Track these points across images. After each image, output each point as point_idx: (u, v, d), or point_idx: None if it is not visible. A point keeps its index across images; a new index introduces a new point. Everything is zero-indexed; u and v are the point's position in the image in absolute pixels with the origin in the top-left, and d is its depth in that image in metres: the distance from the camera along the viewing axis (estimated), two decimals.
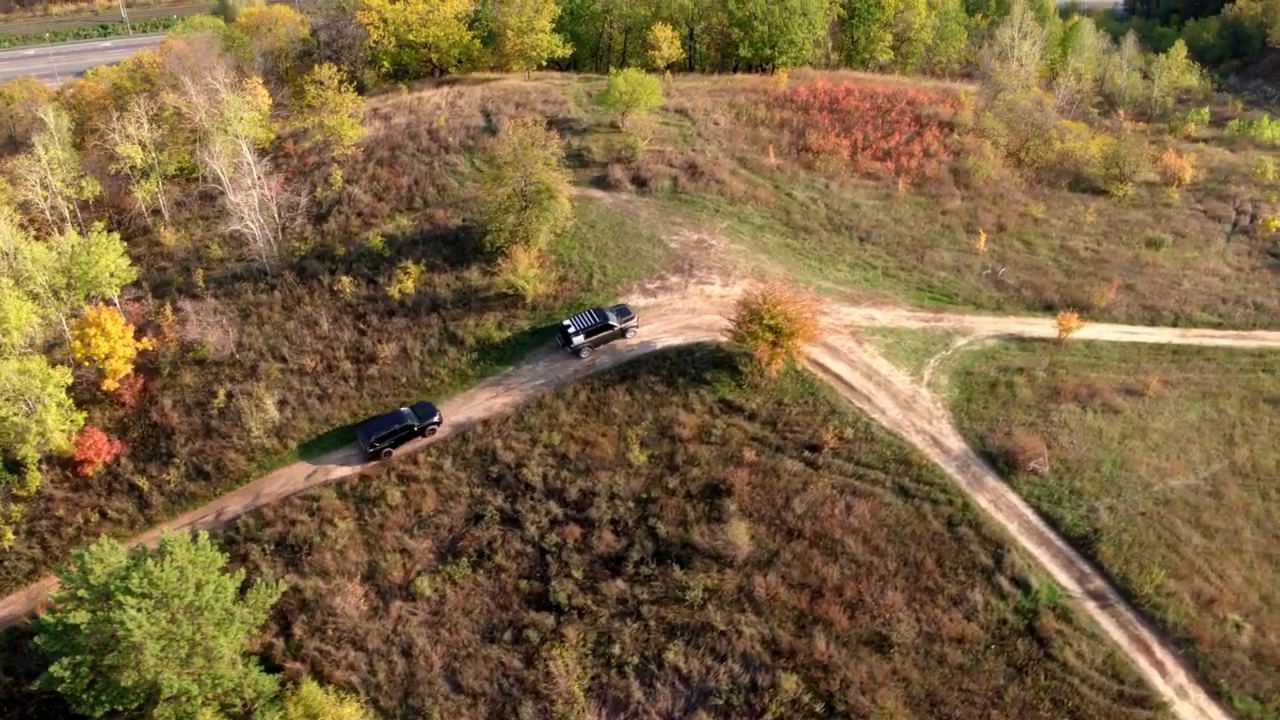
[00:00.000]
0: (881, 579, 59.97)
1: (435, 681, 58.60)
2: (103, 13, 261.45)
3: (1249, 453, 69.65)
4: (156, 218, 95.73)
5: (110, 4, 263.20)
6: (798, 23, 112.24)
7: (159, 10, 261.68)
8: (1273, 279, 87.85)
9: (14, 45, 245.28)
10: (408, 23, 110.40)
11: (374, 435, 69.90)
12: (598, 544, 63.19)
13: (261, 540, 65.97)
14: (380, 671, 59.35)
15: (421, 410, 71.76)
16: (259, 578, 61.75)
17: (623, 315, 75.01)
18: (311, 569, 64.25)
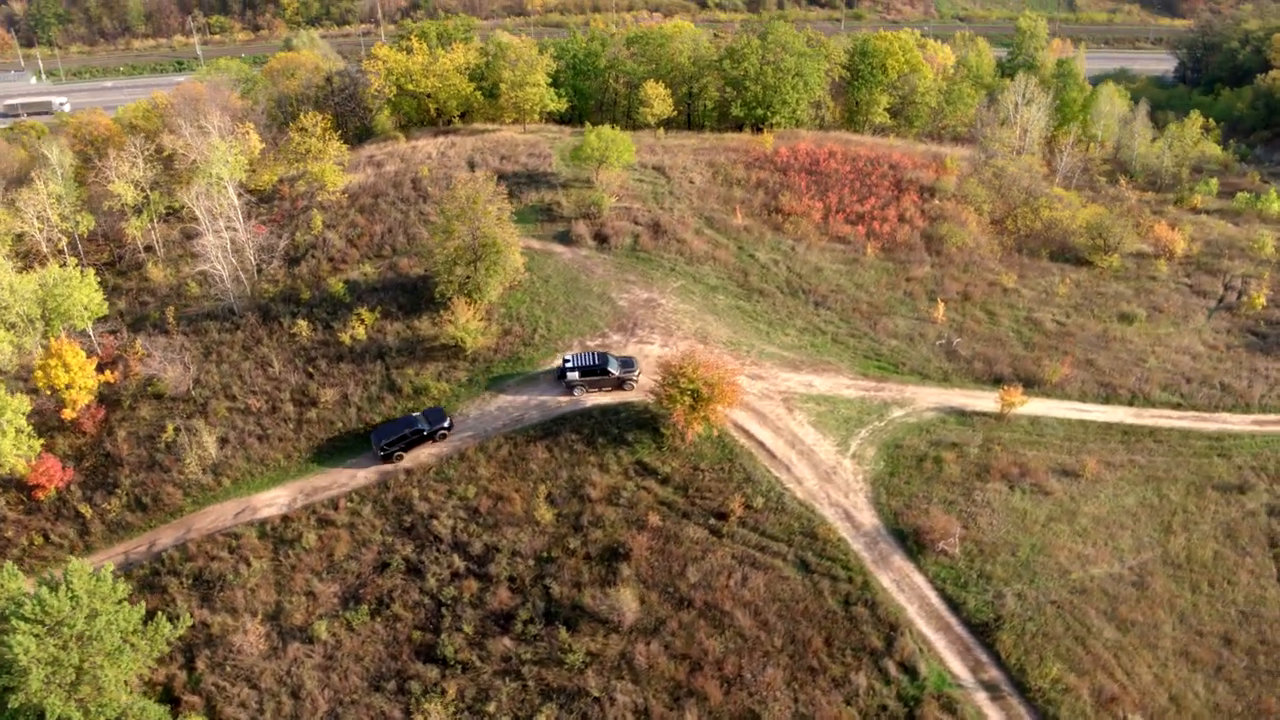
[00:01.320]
0: (765, 655, 59.19)
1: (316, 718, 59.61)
2: (180, 49, 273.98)
3: (1185, 542, 67.33)
4: (150, 254, 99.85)
5: (187, 41, 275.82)
6: (790, 84, 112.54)
7: (232, 48, 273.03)
8: (1247, 359, 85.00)
9: (94, 77, 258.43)
10: (409, 72, 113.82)
11: (384, 439, 72.53)
12: (492, 600, 63.66)
13: (181, 574, 67.88)
14: (268, 711, 60.41)
15: (432, 415, 74.06)
16: (162, 612, 63.48)
17: (626, 366, 75.84)
18: (222, 605, 65.84)
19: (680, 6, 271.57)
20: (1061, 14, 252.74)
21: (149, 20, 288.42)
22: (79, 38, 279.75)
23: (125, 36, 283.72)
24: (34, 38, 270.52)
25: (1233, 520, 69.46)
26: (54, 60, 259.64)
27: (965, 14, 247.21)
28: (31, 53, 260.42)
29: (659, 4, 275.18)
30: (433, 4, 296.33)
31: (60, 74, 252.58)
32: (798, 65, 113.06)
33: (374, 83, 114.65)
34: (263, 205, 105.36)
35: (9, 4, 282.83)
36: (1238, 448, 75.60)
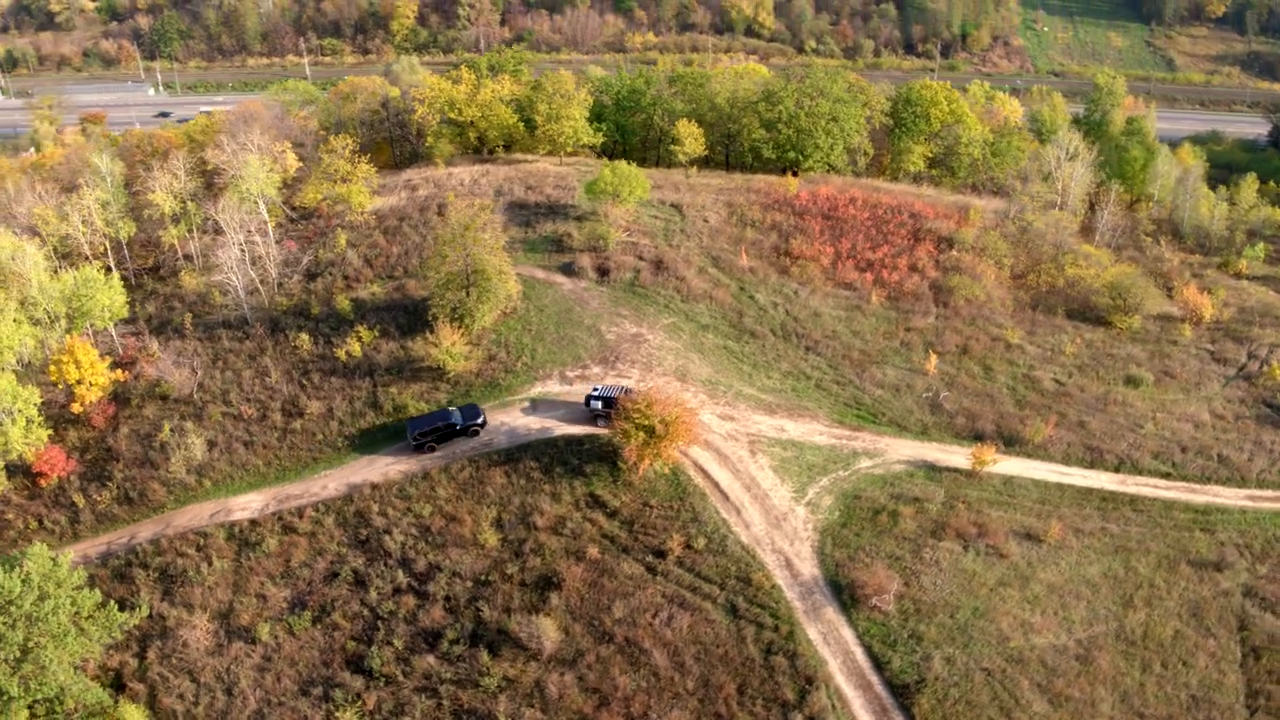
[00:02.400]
0: (675, 696, 59.01)
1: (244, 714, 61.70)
2: (290, 68, 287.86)
3: (1145, 618, 64.62)
4: (189, 262, 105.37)
5: (299, 61, 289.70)
6: (824, 128, 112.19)
7: (340, 69, 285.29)
8: (1255, 431, 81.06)
9: (208, 91, 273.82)
10: (453, 102, 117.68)
11: (418, 430, 75.57)
12: (425, 618, 65.05)
13: (149, 567, 71.26)
14: (202, 704, 62.95)
15: (467, 411, 76.79)
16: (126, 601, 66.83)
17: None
18: (180, 600, 68.83)
19: (777, 50, 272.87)
20: (1159, 73, 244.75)
21: (265, 40, 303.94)
22: (198, 53, 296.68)
23: (242, 54, 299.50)
24: (156, 52, 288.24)
25: (1202, 599, 66.23)
26: (171, 74, 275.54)
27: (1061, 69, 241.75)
28: (152, 65, 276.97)
29: (756, 47, 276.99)
30: (536, 37, 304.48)
31: (176, 87, 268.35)
32: (833, 110, 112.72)
33: (418, 110, 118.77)
34: (302, 222, 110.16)
35: (135, 19, 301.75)
36: (1224, 523, 72.11)
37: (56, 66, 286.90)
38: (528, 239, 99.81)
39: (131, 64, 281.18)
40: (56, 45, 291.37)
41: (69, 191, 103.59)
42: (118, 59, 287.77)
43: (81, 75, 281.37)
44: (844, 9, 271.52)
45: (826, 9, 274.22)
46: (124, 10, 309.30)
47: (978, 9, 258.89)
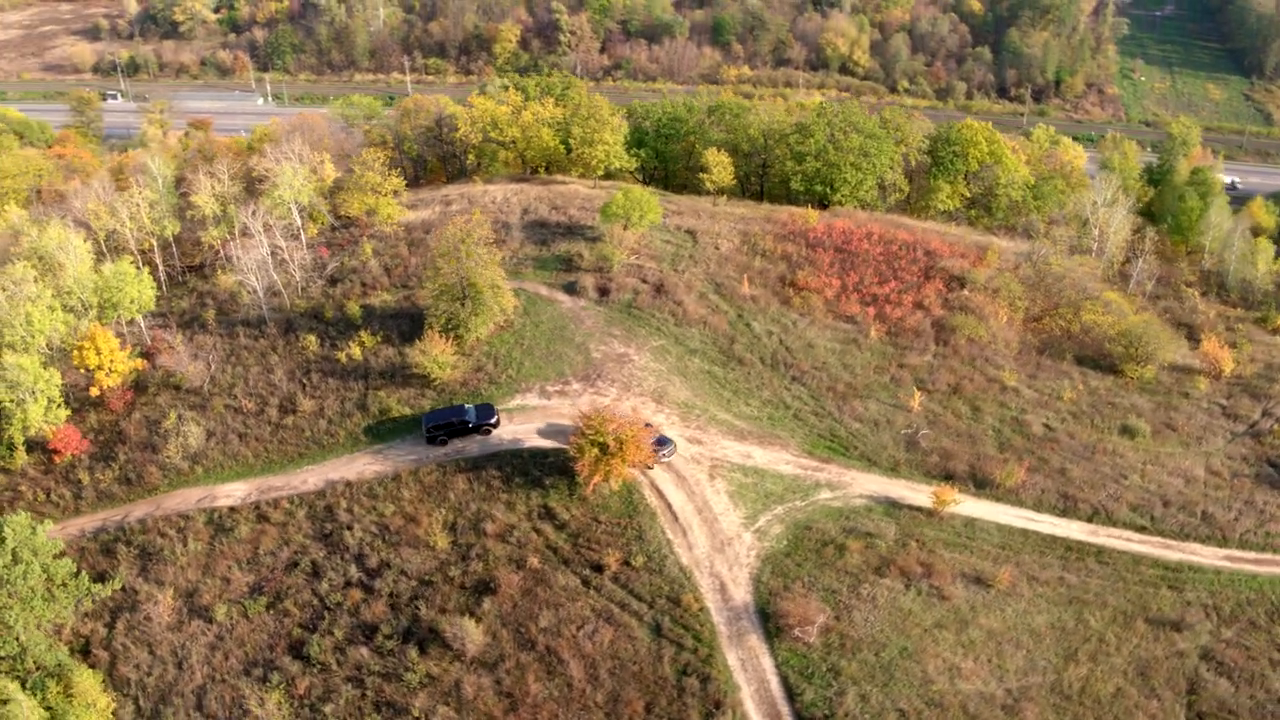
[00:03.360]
0: (583, 708, 59.87)
1: (186, 695, 65.02)
2: (394, 84, 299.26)
3: (1087, 673, 62.64)
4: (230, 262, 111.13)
5: (402, 78, 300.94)
6: (852, 162, 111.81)
7: (441, 88, 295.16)
8: (1249, 490, 77.75)
9: (313, 103, 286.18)
10: (495, 121, 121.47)
11: (432, 424, 78.76)
12: (367, 611, 67.43)
13: (132, 544, 75.66)
14: (154, 674, 66.59)
15: (482, 410, 79.75)
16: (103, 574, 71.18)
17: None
18: (153, 577, 72.83)
19: (869, 88, 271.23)
20: (1254, 126, 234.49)
21: (373, 56, 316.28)
22: (309, 67, 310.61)
23: (350, 69, 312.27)
24: (269, 64, 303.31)
25: (1154, 658, 63.76)
26: (281, 85, 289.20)
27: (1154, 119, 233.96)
28: (263, 76, 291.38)
29: (849, 84, 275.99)
30: (633, 65, 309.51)
31: (284, 98, 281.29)
32: (863, 145, 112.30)
33: (460, 128, 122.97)
34: (343, 230, 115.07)
35: (252, 31, 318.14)
36: (1195, 581, 69.21)
37: (175, 73, 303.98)
38: (540, 257, 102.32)
39: (245, 74, 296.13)
40: (177, 53, 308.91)
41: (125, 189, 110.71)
42: (233, 69, 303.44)
43: (197, 83, 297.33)
44: (940, 50, 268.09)
45: (923, 49, 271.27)
46: (244, 23, 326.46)
47: (1074, 56, 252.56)
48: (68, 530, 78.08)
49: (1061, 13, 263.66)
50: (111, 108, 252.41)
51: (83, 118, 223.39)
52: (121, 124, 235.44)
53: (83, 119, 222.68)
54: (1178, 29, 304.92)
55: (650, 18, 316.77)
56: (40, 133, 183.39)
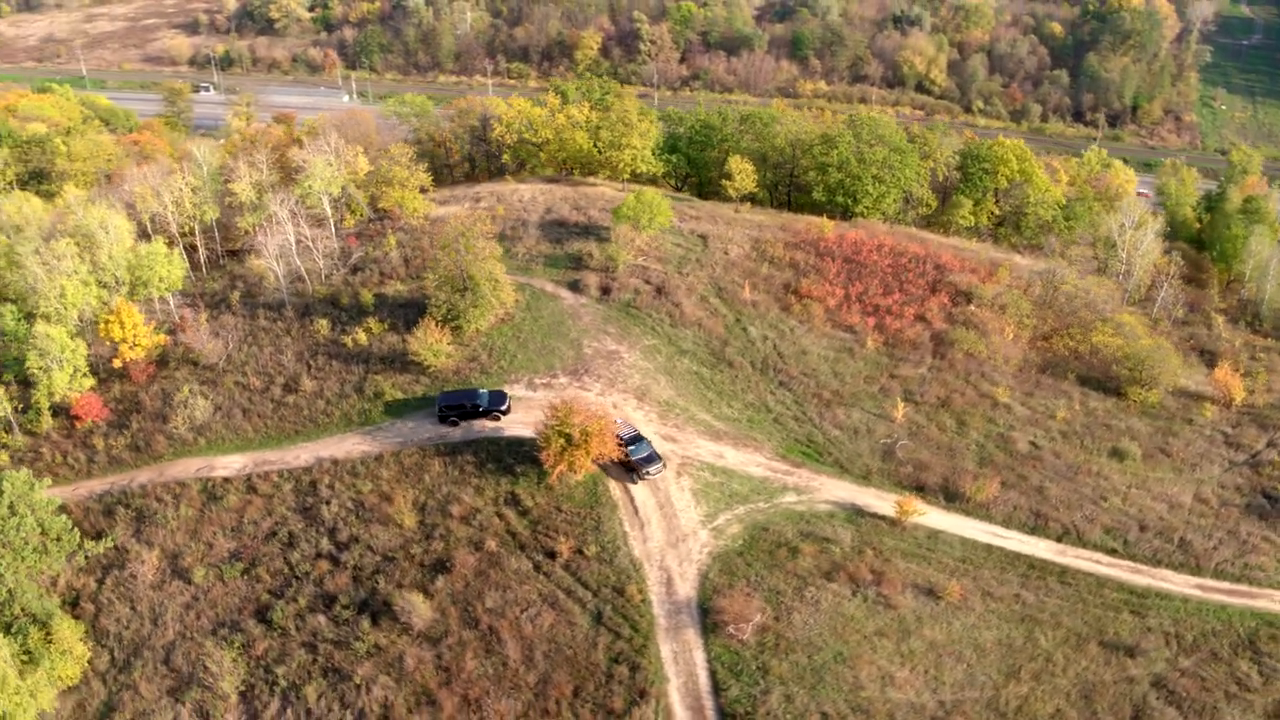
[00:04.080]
0: (514, 687, 61.49)
1: (156, 649, 68.62)
2: (476, 86, 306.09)
3: (1026, 692, 61.76)
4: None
5: (485, 81, 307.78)
6: (875, 174, 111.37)
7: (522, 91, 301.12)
8: (1236, 519, 75.58)
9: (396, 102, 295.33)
10: (530, 122, 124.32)
11: (445, 404, 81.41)
12: (330, 582, 70.21)
13: (131, 507, 79.94)
14: (131, 628, 70.42)
15: (494, 396, 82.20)
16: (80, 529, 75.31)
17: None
18: (144, 538, 76.87)
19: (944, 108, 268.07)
20: None
21: (458, 59, 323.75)
22: (395, 66, 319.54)
23: (435, 71, 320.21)
24: (358, 63, 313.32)
25: (1101, 682, 62.46)
26: (366, 83, 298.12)
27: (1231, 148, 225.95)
28: (350, 75, 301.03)
29: (923, 103, 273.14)
30: (710, 76, 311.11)
31: (369, 96, 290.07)
32: (886, 158, 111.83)
33: (496, 128, 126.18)
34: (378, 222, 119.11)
35: (343, 30, 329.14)
36: (1160, 608, 67.47)
37: (268, 69, 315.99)
38: (552, 254, 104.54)
39: (334, 72, 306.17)
40: (270, 49, 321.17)
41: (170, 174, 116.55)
42: (323, 66, 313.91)
43: (287, 79, 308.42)
44: (1018, 72, 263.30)
45: (1001, 71, 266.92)
46: (336, 21, 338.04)
47: (1153, 83, 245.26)
48: (79, 491, 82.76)
49: (1144, 39, 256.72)
50: (202, 99, 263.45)
51: (174, 108, 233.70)
52: (210, 115, 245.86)
53: (174, 109, 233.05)
54: (1265, 58, 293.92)
55: (731, 30, 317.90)
56: (125, 120, 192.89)
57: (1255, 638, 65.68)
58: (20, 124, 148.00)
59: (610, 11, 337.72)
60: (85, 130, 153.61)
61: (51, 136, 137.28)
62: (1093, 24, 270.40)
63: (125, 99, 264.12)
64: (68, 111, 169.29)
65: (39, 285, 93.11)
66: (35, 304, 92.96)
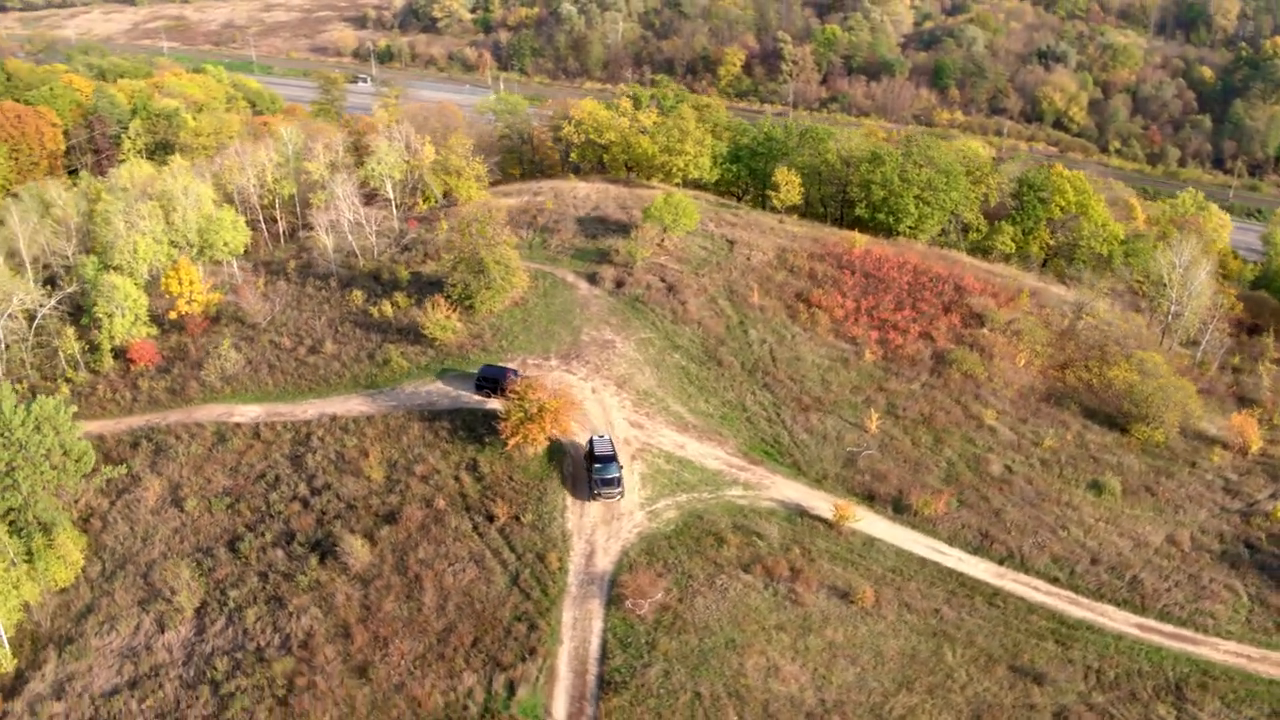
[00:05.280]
0: (419, 630, 65.54)
1: (139, 565, 75.89)
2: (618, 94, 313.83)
3: (915, 704, 61.54)
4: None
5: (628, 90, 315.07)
6: (917, 194, 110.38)
7: None
8: (1207, 566, 72.15)
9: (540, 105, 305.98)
10: (597, 124, 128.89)
11: (482, 377, 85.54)
12: (296, 522, 76.07)
13: (153, 440, 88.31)
14: (124, 544, 78.14)
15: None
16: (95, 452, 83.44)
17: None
18: (157, 470, 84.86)
19: (1079, 145, 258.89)
20: None
21: (605, 67, 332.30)
22: (544, 71, 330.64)
23: (582, 77, 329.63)
24: (509, 64, 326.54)
25: (998, 704, 61.31)
26: (514, 84, 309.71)
27: None
28: (499, 75, 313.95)
29: (1059, 139, 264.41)
30: (848, 100, 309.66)
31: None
32: (931, 179, 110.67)
33: (565, 128, 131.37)
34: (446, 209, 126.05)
35: (498, 32, 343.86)
36: (1089, 642, 65.41)
37: (424, 65, 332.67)
38: (582, 248, 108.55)
39: (486, 71, 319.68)
40: (429, 46, 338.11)
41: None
42: (476, 65, 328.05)
43: (441, 75, 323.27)
44: (1161, 115, 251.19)
45: (1144, 112, 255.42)
46: (495, 23, 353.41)
47: None
48: (119, 425, 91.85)
49: None
50: (358, 90, 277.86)
51: (328, 96, 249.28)
52: (362, 105, 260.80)
53: (328, 97, 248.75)
54: None
55: (874, 55, 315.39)
56: (270, 103, 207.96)
57: (1184, 683, 62.89)
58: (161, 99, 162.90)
59: (757, 30, 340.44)
60: (217, 109, 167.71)
61: (179, 111, 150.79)
62: (1245, 70, 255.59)
63: (286, 85, 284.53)
64: (212, 91, 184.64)
65: (117, 240, 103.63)
66: (112, 257, 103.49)
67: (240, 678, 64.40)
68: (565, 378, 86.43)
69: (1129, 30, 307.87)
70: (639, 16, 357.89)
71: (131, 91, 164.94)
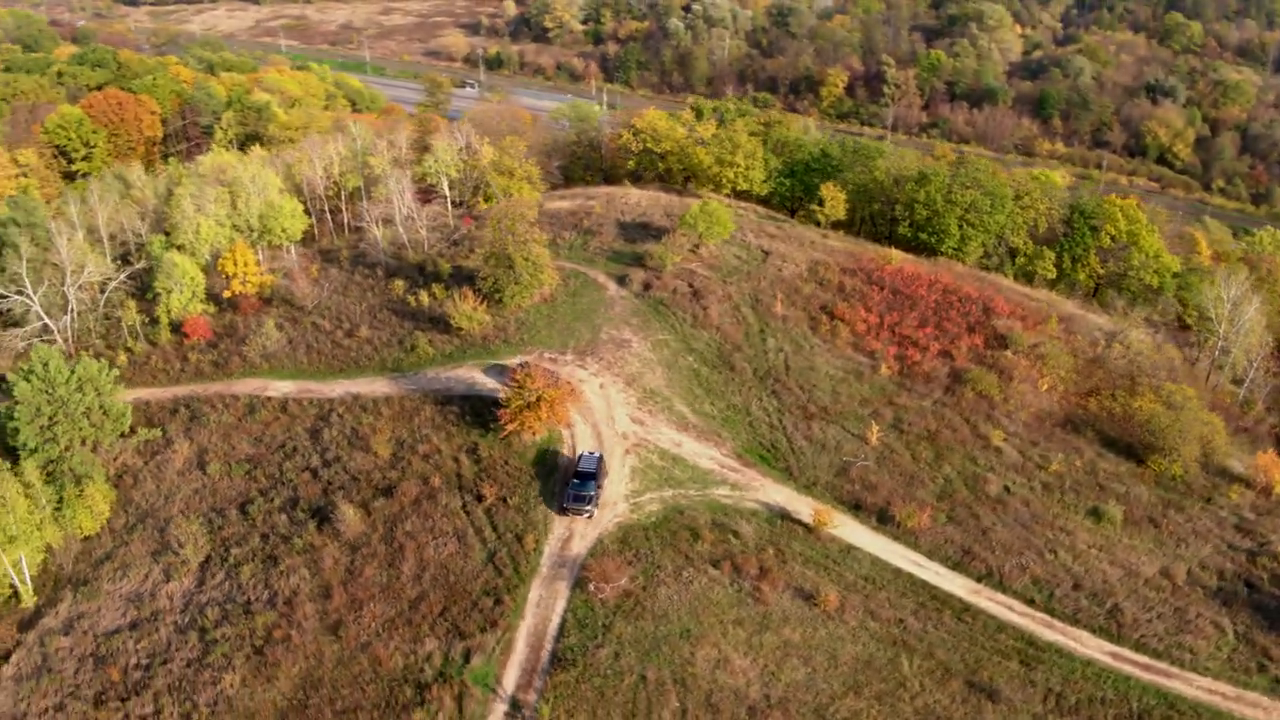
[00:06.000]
0: (393, 596, 68.50)
1: (158, 520, 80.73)
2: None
3: (860, 708, 61.43)
4: None
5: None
6: (959, 216, 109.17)
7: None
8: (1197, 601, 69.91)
9: None
10: (655, 133, 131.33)
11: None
12: (304, 490, 79.98)
13: (191, 409, 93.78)
14: (149, 498, 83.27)
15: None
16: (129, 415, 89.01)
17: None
18: (189, 436, 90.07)
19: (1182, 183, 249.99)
20: None
21: (709, 83, 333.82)
22: (649, 84, 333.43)
23: (686, 92, 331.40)
24: (615, 76, 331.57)
25: (946, 718, 60.62)
26: (616, 97, 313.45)
27: None
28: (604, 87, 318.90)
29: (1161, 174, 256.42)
30: (949, 126, 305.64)
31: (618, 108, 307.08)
32: (975, 201, 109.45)
33: (624, 135, 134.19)
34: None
35: (606, 44, 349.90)
36: (1055, 665, 64.16)
37: (532, 73, 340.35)
38: (620, 250, 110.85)
39: (591, 82, 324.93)
40: (538, 55, 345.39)
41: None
42: (583, 76, 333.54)
43: (547, 84, 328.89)
44: (1271, 154, 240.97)
45: (1252, 151, 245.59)
46: (605, 35, 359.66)
47: None
48: (166, 393, 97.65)
49: None
50: (464, 94, 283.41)
51: (432, 99, 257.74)
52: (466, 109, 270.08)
53: (432, 100, 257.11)
54: None
55: (978, 82, 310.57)
56: (370, 101, 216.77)
57: (1147, 715, 61.23)
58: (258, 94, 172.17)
59: (862, 52, 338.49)
60: (311, 105, 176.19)
61: (270, 105, 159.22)
62: None
63: (395, 86, 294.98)
64: (311, 88, 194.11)
65: (183, 222, 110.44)
66: (177, 237, 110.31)
67: (226, 627, 68.24)
68: (576, 372, 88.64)
69: (1244, 67, 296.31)
70: (746, 34, 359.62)
71: (231, 85, 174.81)
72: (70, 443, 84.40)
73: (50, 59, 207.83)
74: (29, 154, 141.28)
